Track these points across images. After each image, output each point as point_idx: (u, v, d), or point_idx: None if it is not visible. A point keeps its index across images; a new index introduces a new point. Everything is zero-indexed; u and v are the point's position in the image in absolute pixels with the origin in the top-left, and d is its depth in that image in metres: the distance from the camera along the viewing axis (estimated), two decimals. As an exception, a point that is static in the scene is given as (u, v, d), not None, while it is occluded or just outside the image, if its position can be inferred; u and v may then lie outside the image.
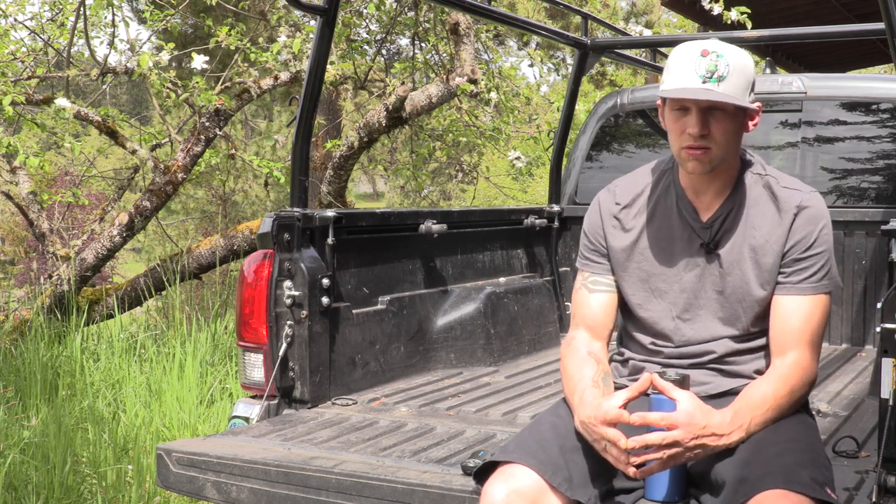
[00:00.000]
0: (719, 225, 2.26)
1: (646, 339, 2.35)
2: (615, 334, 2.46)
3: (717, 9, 6.55)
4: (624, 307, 2.40)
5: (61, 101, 6.12)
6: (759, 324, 2.26)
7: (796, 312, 2.19)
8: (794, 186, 2.26)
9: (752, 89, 2.19)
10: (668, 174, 2.34)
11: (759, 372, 2.25)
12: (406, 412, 3.10)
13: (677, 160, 2.26)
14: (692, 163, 2.18)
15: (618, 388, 2.32)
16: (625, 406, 2.03)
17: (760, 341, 2.28)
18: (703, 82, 2.12)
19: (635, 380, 2.33)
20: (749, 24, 6.51)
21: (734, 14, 6.51)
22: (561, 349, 2.37)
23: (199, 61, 6.27)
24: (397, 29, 8.03)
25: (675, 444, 1.96)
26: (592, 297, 2.37)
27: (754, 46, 11.73)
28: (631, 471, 2.00)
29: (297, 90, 7.46)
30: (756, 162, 2.31)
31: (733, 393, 2.20)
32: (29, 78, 6.62)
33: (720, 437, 2.00)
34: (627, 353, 2.41)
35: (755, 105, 2.21)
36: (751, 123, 2.23)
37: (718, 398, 2.23)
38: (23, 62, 6.91)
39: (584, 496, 2.06)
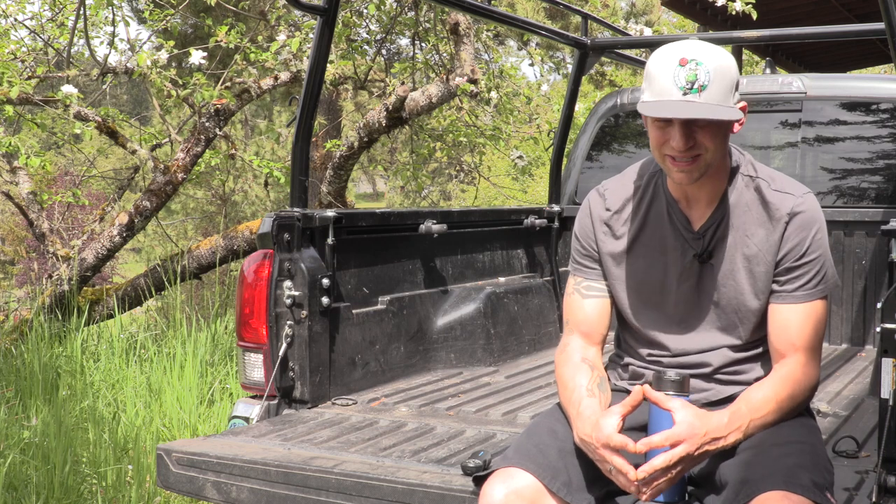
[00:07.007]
0: (712, 234, 2.20)
1: (643, 350, 2.31)
2: (612, 336, 2.42)
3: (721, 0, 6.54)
4: (618, 314, 2.35)
5: (67, 88, 6.11)
6: (758, 332, 2.22)
7: (793, 321, 2.15)
8: (785, 189, 2.18)
9: (737, 89, 2.09)
10: (657, 177, 2.27)
11: (760, 379, 2.20)
12: (406, 412, 3.10)
13: (662, 169, 2.18)
14: (679, 174, 2.10)
15: (619, 391, 2.31)
16: (622, 422, 2.01)
17: (760, 349, 2.24)
18: (684, 94, 2.01)
19: (635, 384, 2.31)
20: (755, 15, 6.50)
21: (738, 5, 6.49)
22: (555, 356, 2.33)
23: (196, 56, 6.26)
24: (397, 29, 8.03)
25: (681, 460, 1.95)
26: (586, 303, 2.32)
27: (754, 46, 11.73)
28: (643, 497, 1.99)
29: (297, 90, 7.46)
30: (745, 162, 2.23)
31: (734, 398, 2.16)
32: (29, 78, 6.62)
33: (718, 439, 1.99)
34: (627, 358, 2.37)
35: (740, 106, 2.10)
36: (737, 125, 2.12)
37: (720, 404, 2.20)
38: (23, 62, 6.91)
39: (584, 500, 2.05)
